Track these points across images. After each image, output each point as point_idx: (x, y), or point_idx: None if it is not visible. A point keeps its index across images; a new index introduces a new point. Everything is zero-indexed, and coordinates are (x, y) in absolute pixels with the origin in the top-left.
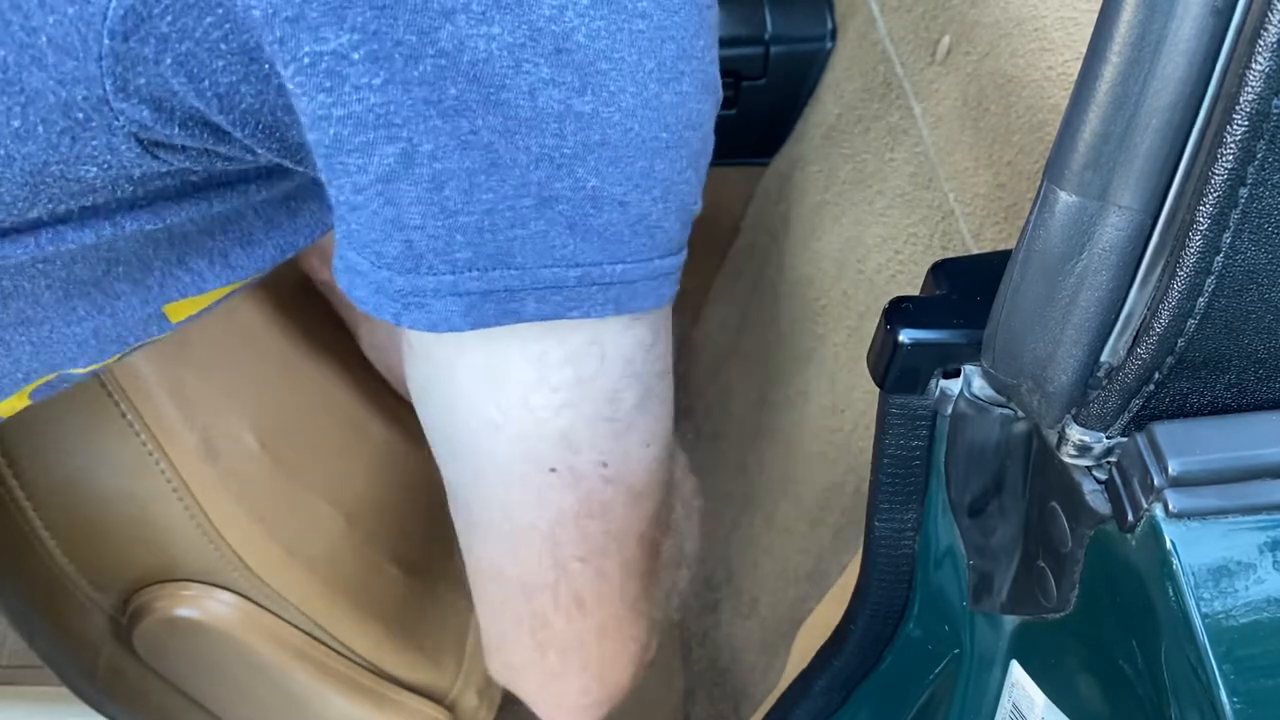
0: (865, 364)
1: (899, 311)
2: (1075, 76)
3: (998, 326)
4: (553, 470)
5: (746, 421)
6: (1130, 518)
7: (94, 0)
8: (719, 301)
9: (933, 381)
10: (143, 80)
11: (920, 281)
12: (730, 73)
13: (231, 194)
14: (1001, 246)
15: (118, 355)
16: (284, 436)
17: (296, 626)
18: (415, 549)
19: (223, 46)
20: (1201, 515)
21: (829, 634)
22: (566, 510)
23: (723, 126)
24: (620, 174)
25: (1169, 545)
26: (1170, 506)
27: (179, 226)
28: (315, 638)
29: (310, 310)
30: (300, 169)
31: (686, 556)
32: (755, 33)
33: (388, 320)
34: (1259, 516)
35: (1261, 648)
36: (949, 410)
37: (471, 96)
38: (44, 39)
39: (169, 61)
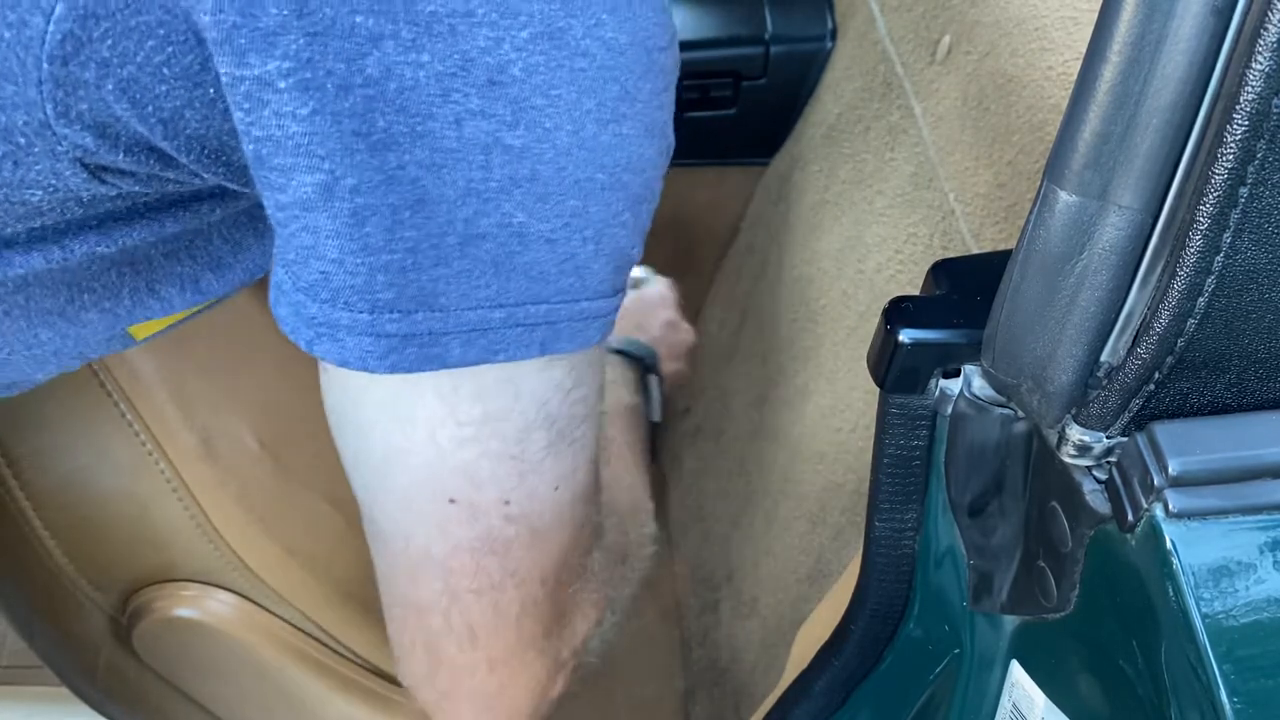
0: (865, 364)
1: (899, 311)
2: (1075, 76)
3: (998, 326)
4: (452, 502)
5: (746, 421)
6: (1130, 518)
7: (30, 24)
8: (719, 301)
9: (933, 381)
10: (85, 105)
11: (920, 281)
12: (730, 73)
13: (185, 214)
14: (1001, 246)
15: (78, 367)
16: (284, 436)
17: (296, 626)
18: None
19: (165, 71)
20: (1201, 515)
21: (829, 634)
22: (463, 543)
23: (723, 126)
24: (549, 211)
25: (1169, 545)
26: (1170, 506)
27: (136, 249)
28: (315, 638)
29: None
30: (248, 190)
31: (611, 602)
32: (755, 33)
33: (300, 346)
34: (1259, 516)
35: (1262, 648)
36: (949, 410)
37: (399, 128)
38: None
39: (110, 86)
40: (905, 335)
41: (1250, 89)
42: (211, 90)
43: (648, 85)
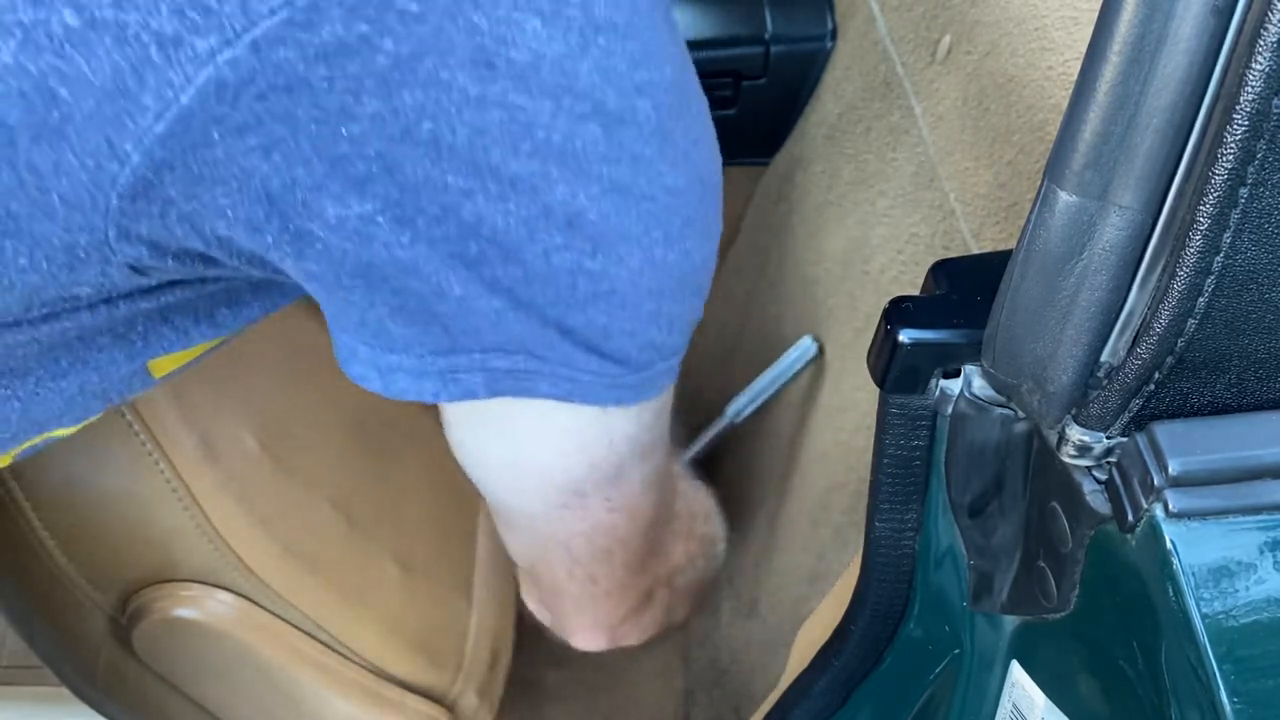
0: (865, 364)
1: (899, 311)
2: (1076, 76)
3: (998, 326)
4: (565, 508)
5: (746, 421)
6: (1130, 518)
7: (106, 168)
8: (719, 301)
9: (933, 381)
10: (144, 229)
11: (921, 282)
12: (730, 73)
13: (215, 284)
14: (1002, 246)
15: (100, 413)
16: (284, 436)
17: (296, 626)
18: (415, 549)
19: (229, 213)
20: (1202, 515)
21: (829, 634)
22: (578, 531)
23: (723, 126)
24: (628, 315)
25: (1169, 545)
26: (1170, 506)
27: (168, 303)
28: (315, 638)
29: (310, 310)
30: (288, 279)
31: (700, 536)
32: (755, 32)
33: (427, 399)
34: (1259, 516)
35: (1262, 648)
36: (949, 410)
37: (492, 253)
38: (56, 197)
39: (174, 217)
40: (905, 335)
41: (1250, 89)
42: (269, 236)
43: (705, 207)
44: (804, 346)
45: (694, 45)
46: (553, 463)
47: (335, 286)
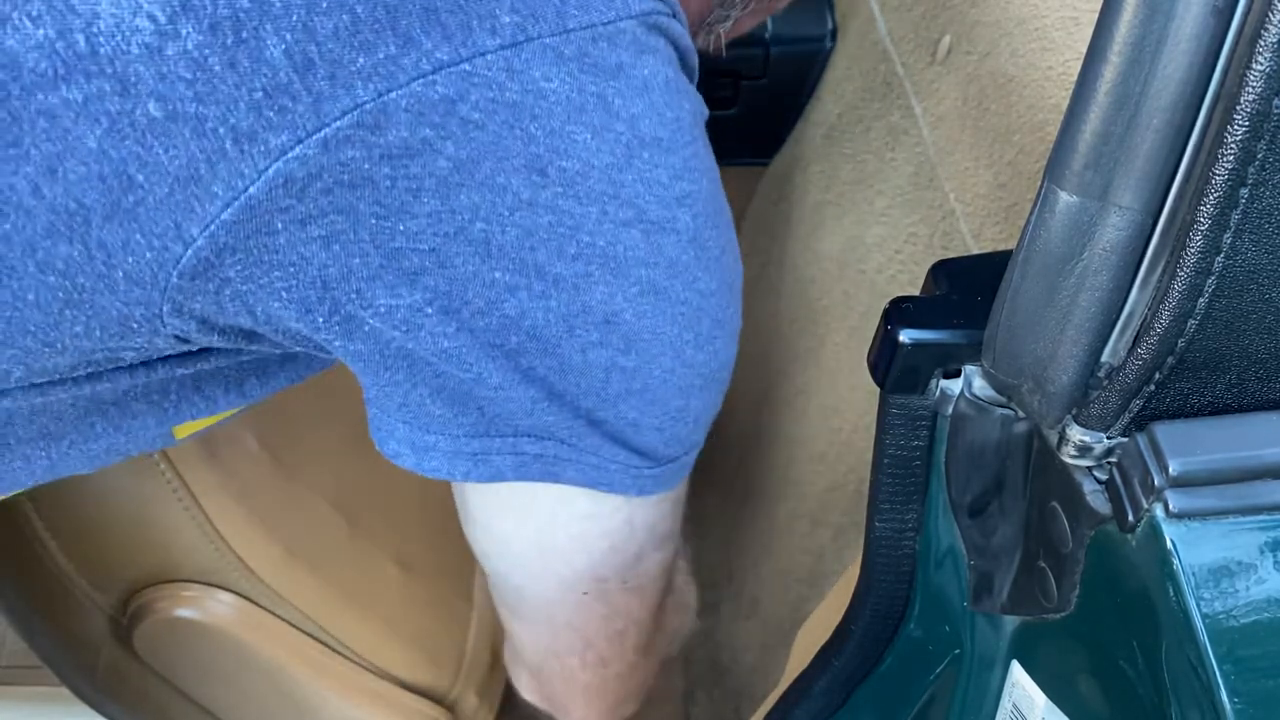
0: (865, 364)
1: (899, 311)
2: (1076, 76)
3: (998, 326)
4: (585, 593)
5: (746, 421)
6: (1131, 518)
7: (171, 249)
8: None
9: (933, 382)
10: (198, 306)
11: (921, 282)
12: (730, 73)
13: (255, 352)
14: (1002, 246)
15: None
16: (284, 436)
17: (296, 626)
18: (415, 549)
19: (284, 295)
20: (1202, 515)
21: (829, 634)
22: (595, 615)
23: (723, 126)
24: (657, 410)
25: (1169, 545)
26: (1171, 507)
27: (202, 371)
28: (315, 638)
29: None
30: (325, 355)
31: (687, 606)
32: (755, 32)
33: (457, 478)
34: (1259, 517)
35: (1262, 648)
36: (949, 410)
37: (530, 346)
38: (120, 273)
39: (228, 295)
40: (905, 335)
41: (1250, 90)
42: (320, 319)
43: (731, 310)
44: None
45: None
46: (574, 547)
47: (380, 368)
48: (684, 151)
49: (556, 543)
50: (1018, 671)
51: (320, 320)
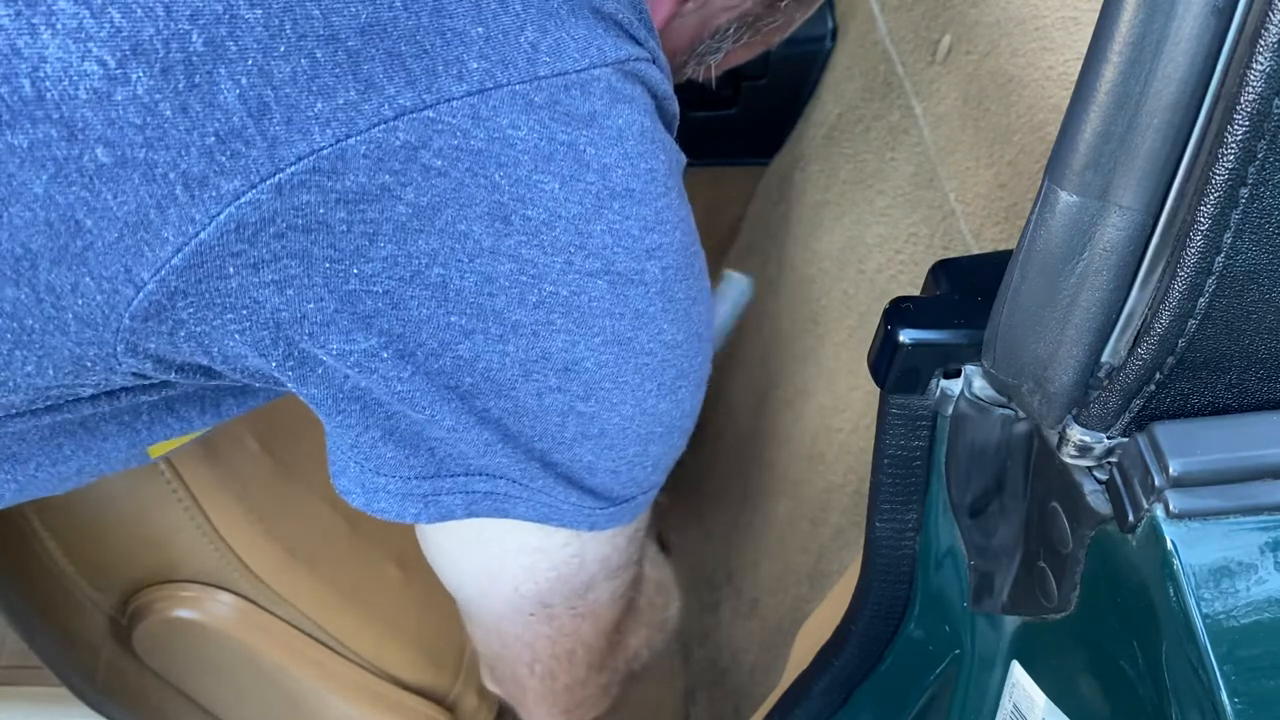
0: (865, 364)
1: (899, 312)
2: (1076, 76)
3: (998, 326)
4: (531, 615)
5: (746, 421)
6: (1131, 518)
7: (122, 292)
8: None
9: (933, 382)
10: (152, 346)
11: (921, 281)
12: (730, 73)
13: (224, 378)
14: (1002, 246)
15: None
16: (284, 437)
17: (296, 627)
18: (415, 549)
19: (237, 337)
20: (1202, 516)
21: (829, 634)
22: (542, 634)
23: (723, 126)
24: (614, 455)
25: (1170, 546)
26: (1171, 507)
27: (170, 397)
28: (315, 638)
29: None
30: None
31: (657, 623)
32: None
33: (407, 520)
34: (1260, 517)
35: (1262, 648)
36: (949, 410)
37: (485, 388)
38: (70, 315)
39: (182, 335)
40: (905, 335)
41: (1251, 89)
42: (274, 361)
43: (698, 359)
44: (735, 281)
45: None
46: (523, 576)
47: (334, 410)
48: (656, 203)
49: (505, 570)
50: (1018, 671)
51: (274, 363)
